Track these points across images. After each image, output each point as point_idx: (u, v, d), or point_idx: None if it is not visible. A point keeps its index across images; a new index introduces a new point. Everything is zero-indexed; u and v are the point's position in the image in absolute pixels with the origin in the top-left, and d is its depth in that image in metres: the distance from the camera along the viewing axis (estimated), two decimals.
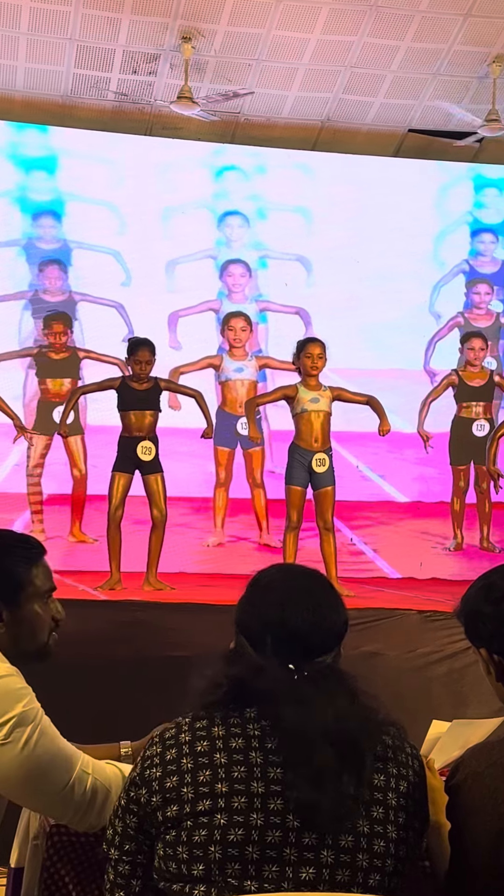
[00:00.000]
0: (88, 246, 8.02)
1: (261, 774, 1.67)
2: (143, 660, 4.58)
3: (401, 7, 7.25)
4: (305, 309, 8.21)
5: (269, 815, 1.66)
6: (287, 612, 1.78)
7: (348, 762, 1.68)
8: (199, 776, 1.67)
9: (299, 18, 7.31)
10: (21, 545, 2.11)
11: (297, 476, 6.34)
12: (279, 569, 1.93)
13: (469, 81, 7.93)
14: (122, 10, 7.16)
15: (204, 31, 7.35)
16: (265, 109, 8.09)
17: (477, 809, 1.76)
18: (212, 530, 7.72)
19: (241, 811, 1.65)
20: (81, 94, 7.86)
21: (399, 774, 1.75)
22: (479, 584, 1.97)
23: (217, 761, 1.68)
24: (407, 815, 1.73)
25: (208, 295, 8.19)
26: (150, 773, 1.71)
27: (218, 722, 1.71)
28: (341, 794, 1.66)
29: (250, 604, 1.83)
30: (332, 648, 1.81)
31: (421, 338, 8.32)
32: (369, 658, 4.69)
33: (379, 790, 1.72)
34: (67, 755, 1.93)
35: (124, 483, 6.34)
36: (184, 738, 1.71)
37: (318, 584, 1.86)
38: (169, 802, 1.68)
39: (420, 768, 1.80)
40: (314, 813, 1.65)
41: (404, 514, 8.24)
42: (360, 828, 1.69)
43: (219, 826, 1.65)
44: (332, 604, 1.84)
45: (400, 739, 1.79)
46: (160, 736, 1.74)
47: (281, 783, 1.67)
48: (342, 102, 8.08)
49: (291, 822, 1.66)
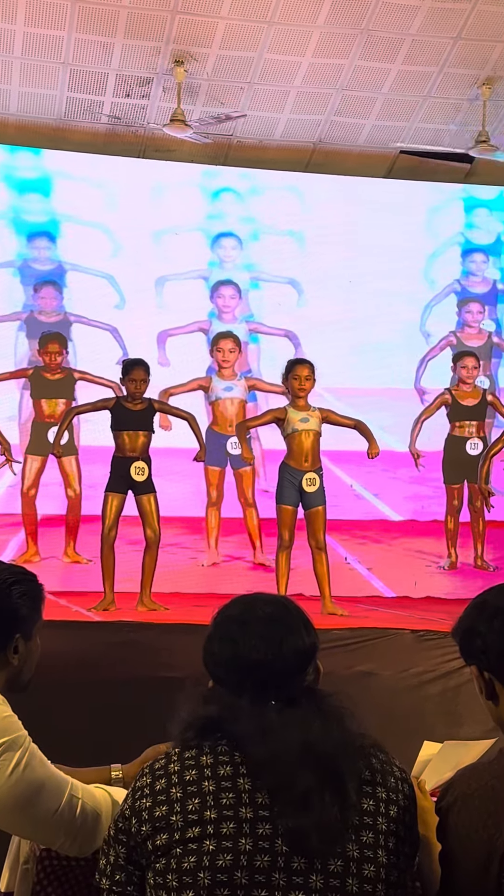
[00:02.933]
0: (83, 268, 8.06)
1: (249, 800, 1.67)
2: (137, 681, 4.57)
3: (391, 30, 7.33)
4: (294, 331, 8.24)
5: (258, 840, 1.66)
6: (240, 647, 1.78)
7: (329, 783, 1.68)
8: (188, 804, 1.68)
9: (291, 42, 7.38)
10: (32, 580, 2.12)
11: (288, 495, 6.35)
12: (234, 603, 1.89)
13: (459, 103, 8.00)
14: (115, 34, 7.23)
15: (196, 55, 7.42)
16: (257, 132, 8.15)
17: (467, 831, 1.76)
18: (205, 550, 7.73)
19: (229, 837, 1.65)
20: (75, 117, 7.92)
21: (388, 798, 1.74)
22: (474, 603, 1.98)
23: (205, 789, 1.68)
24: (397, 839, 1.73)
25: (199, 315, 8.23)
26: (140, 804, 1.71)
27: (206, 751, 1.71)
28: (327, 817, 1.66)
29: (209, 643, 1.84)
30: (300, 671, 1.80)
31: (413, 357, 8.36)
32: (363, 678, 4.69)
33: (368, 814, 1.71)
34: (56, 781, 1.93)
35: (117, 503, 6.34)
36: (173, 768, 1.72)
37: (277, 610, 1.83)
38: (158, 831, 1.68)
39: (410, 792, 1.79)
40: (302, 838, 1.65)
41: (398, 532, 8.25)
42: (350, 852, 1.68)
43: (207, 852, 1.65)
44: (291, 628, 1.81)
45: (388, 763, 1.78)
46: (150, 767, 1.75)
47: (269, 808, 1.67)
48: (334, 124, 8.15)
49: (280, 846, 1.66)
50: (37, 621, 2.09)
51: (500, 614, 1.91)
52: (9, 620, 2.03)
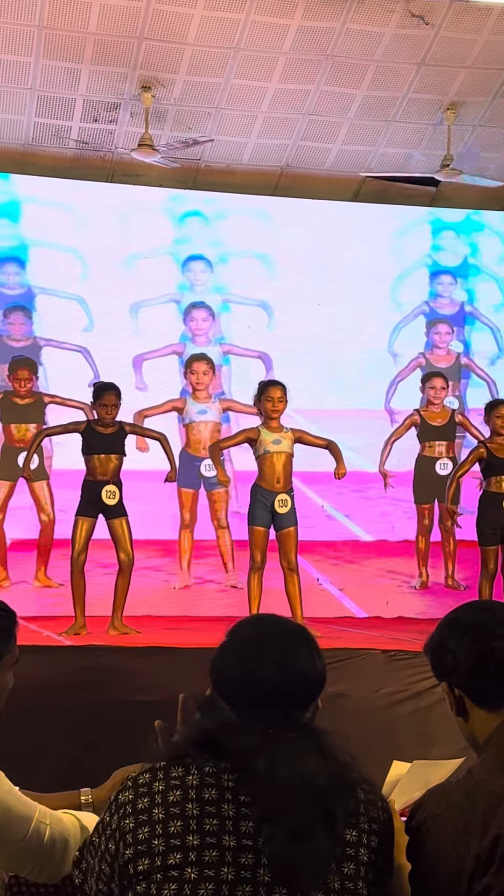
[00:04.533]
0: (52, 291, 8.07)
1: (233, 828, 1.65)
2: (107, 705, 4.55)
3: (356, 56, 7.42)
4: (267, 353, 8.28)
5: (241, 870, 1.63)
6: (256, 668, 1.77)
7: (319, 821, 1.66)
8: (171, 827, 1.65)
9: (257, 68, 7.45)
10: (7, 611, 2.08)
11: (260, 517, 6.36)
12: (254, 622, 1.90)
13: (424, 128, 8.10)
14: (82, 60, 7.27)
15: (163, 81, 7.47)
16: (225, 156, 8.21)
17: (436, 850, 1.76)
18: (177, 572, 7.71)
19: (211, 865, 1.63)
20: (43, 142, 7.94)
21: (370, 829, 1.73)
22: (446, 620, 2.00)
23: (189, 812, 1.65)
24: (377, 871, 1.72)
25: (172, 338, 8.25)
26: (124, 825, 1.68)
27: (193, 771, 1.69)
28: (316, 853, 1.65)
29: (222, 657, 1.82)
30: (307, 703, 1.81)
31: (383, 378, 8.42)
32: (335, 699, 4.68)
33: (351, 846, 1.70)
34: (23, 808, 1.91)
35: (88, 527, 6.32)
36: (157, 786, 1.68)
37: (292, 637, 1.83)
38: (140, 856, 1.66)
39: (390, 821, 1.78)
40: (292, 870, 1.63)
41: (370, 553, 8.27)
42: (332, 884, 1.66)
43: (189, 880, 1.62)
44: (305, 658, 1.81)
45: (373, 794, 1.78)
46: (134, 782, 1.71)
47: (252, 837, 1.65)
48: (301, 149, 8.22)
49: (262, 877, 1.63)
50: (3, 656, 2.04)
51: (470, 631, 1.92)
52: None
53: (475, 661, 1.90)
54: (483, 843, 1.72)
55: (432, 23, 7.14)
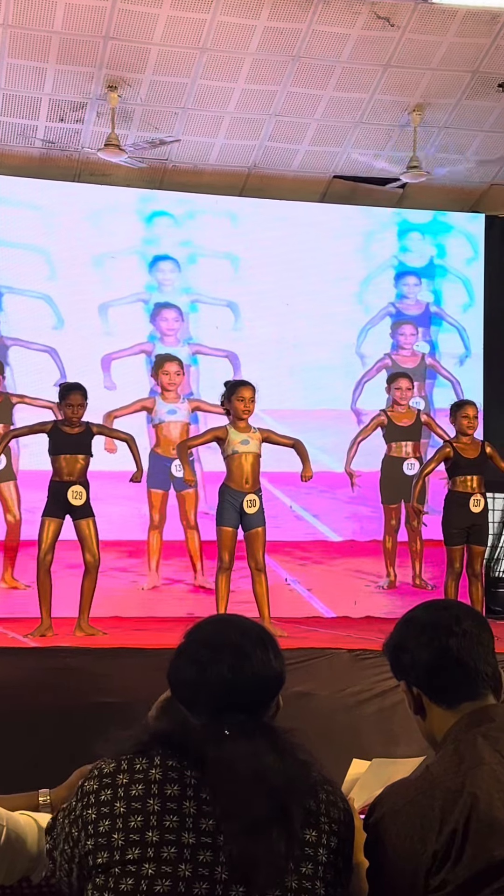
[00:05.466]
0: (19, 290, 8.02)
1: (192, 825, 1.66)
2: (72, 707, 4.52)
3: (322, 57, 7.44)
4: (235, 352, 8.29)
5: (198, 867, 1.64)
6: (208, 670, 1.77)
7: (275, 820, 1.67)
8: (131, 821, 1.66)
9: (223, 68, 7.45)
10: None
11: (228, 517, 6.36)
12: (209, 623, 1.89)
13: (391, 129, 8.14)
14: (48, 59, 7.23)
15: (129, 81, 7.45)
16: (192, 156, 8.20)
17: (394, 847, 1.77)
18: (146, 573, 7.70)
19: (169, 861, 1.64)
20: (8, 141, 7.89)
21: (330, 830, 1.74)
22: (404, 619, 2.01)
23: (150, 808, 1.66)
24: (335, 871, 1.73)
25: (139, 338, 8.23)
26: (87, 815, 1.69)
27: (157, 763, 1.70)
28: (272, 853, 1.65)
29: (176, 658, 1.83)
30: (265, 704, 1.81)
31: (349, 378, 8.45)
32: (299, 698, 4.69)
33: (310, 846, 1.71)
34: None
35: (54, 528, 6.29)
36: (121, 779, 1.69)
37: (248, 638, 1.82)
38: (100, 848, 1.67)
39: (350, 822, 1.79)
40: (249, 866, 1.64)
41: (338, 553, 8.30)
42: (289, 883, 1.67)
43: (146, 876, 1.64)
44: (261, 660, 1.80)
45: (334, 794, 1.78)
46: (99, 771, 1.72)
47: (212, 835, 1.66)
48: (268, 149, 8.23)
49: (220, 874, 1.64)
50: None
51: (427, 630, 1.94)
52: None
53: (432, 659, 1.92)
54: (440, 839, 1.73)
55: (398, 25, 7.18)
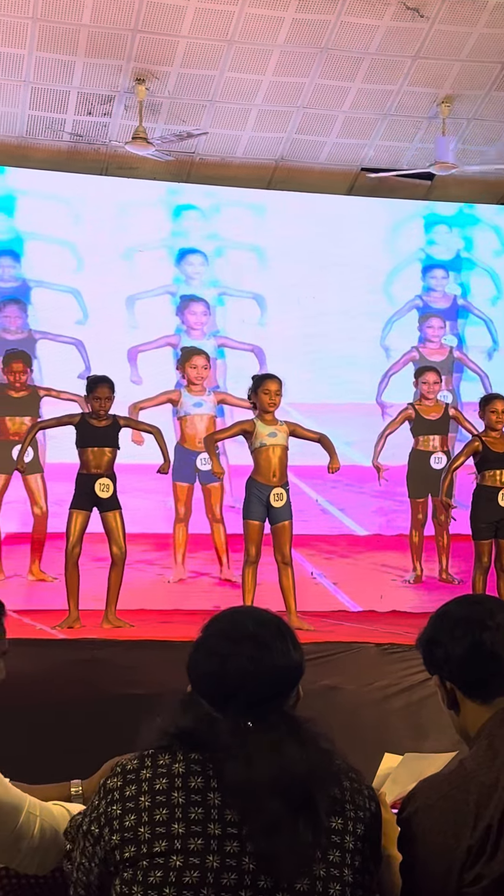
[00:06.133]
0: (47, 284, 8.05)
1: (218, 816, 1.67)
2: (101, 698, 4.55)
3: (351, 49, 7.40)
4: (261, 346, 8.28)
5: (225, 858, 1.65)
6: (227, 662, 1.77)
7: (301, 810, 1.67)
8: (156, 815, 1.67)
9: (251, 60, 7.43)
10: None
11: (255, 511, 6.35)
12: (227, 616, 1.89)
13: (419, 121, 8.10)
14: (77, 53, 7.25)
15: (157, 73, 7.45)
16: (220, 149, 8.20)
17: (428, 842, 1.77)
18: (172, 566, 7.71)
19: (196, 853, 1.65)
20: (37, 135, 7.92)
21: (356, 818, 1.74)
22: (437, 614, 2.01)
23: (174, 801, 1.67)
24: (363, 858, 1.73)
25: (166, 330, 8.24)
26: (111, 811, 1.70)
27: (180, 758, 1.71)
28: (299, 843, 1.66)
29: (195, 652, 1.83)
30: (283, 695, 1.80)
31: (375, 372, 8.42)
32: (327, 692, 4.69)
33: (336, 833, 1.71)
34: (13, 800, 1.91)
35: (82, 521, 6.31)
36: (144, 774, 1.70)
37: (267, 630, 1.82)
38: (126, 843, 1.68)
39: (376, 810, 1.79)
40: (272, 861, 1.65)
41: (364, 547, 8.28)
42: (317, 871, 1.68)
43: (174, 867, 1.65)
44: (281, 651, 1.80)
45: (358, 782, 1.78)
46: (122, 767, 1.73)
47: (237, 826, 1.67)
48: (295, 142, 8.21)
49: (247, 864, 1.65)
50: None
51: (461, 624, 1.93)
52: None
53: (466, 653, 1.91)
54: (474, 834, 1.73)
55: (427, 16, 7.13)
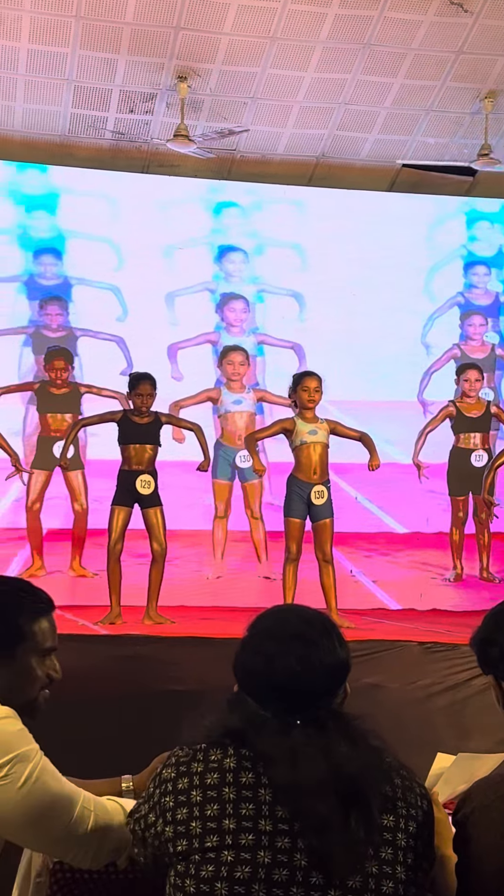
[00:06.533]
0: (88, 282, 8.09)
1: (269, 812, 1.67)
2: (144, 694, 4.56)
3: (394, 45, 7.37)
4: (300, 343, 8.27)
5: (277, 854, 1.65)
6: (275, 661, 1.77)
7: (353, 807, 1.67)
8: (207, 810, 1.68)
9: (293, 57, 7.42)
10: (29, 597, 2.06)
11: (296, 508, 6.35)
12: (273, 614, 1.89)
13: (462, 117, 8.04)
14: (119, 51, 7.27)
15: (199, 71, 7.46)
16: (261, 146, 8.19)
17: (484, 842, 1.76)
18: (212, 563, 7.72)
19: (248, 848, 1.66)
20: (79, 133, 7.96)
21: (408, 815, 1.74)
22: (492, 613, 2.00)
23: (226, 796, 1.68)
24: (416, 855, 1.73)
25: (206, 328, 8.25)
26: (164, 802, 1.72)
27: (231, 753, 1.72)
28: (352, 840, 1.66)
29: (242, 652, 1.83)
30: (331, 693, 1.80)
31: (416, 369, 8.38)
32: (370, 690, 4.68)
33: (388, 830, 1.71)
34: (68, 794, 1.91)
35: (124, 517, 6.34)
36: (196, 767, 1.72)
37: (313, 628, 1.82)
38: (179, 836, 1.70)
39: (428, 808, 1.78)
40: (325, 858, 1.65)
41: (404, 545, 8.24)
42: (369, 868, 1.68)
43: (226, 863, 1.66)
44: (328, 648, 1.81)
45: (409, 779, 1.78)
46: (176, 758, 1.75)
47: (289, 822, 1.67)
48: (336, 139, 8.18)
49: (299, 861, 1.65)
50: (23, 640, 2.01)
51: None
52: None
53: None
54: None
55: (471, 10, 7.08)
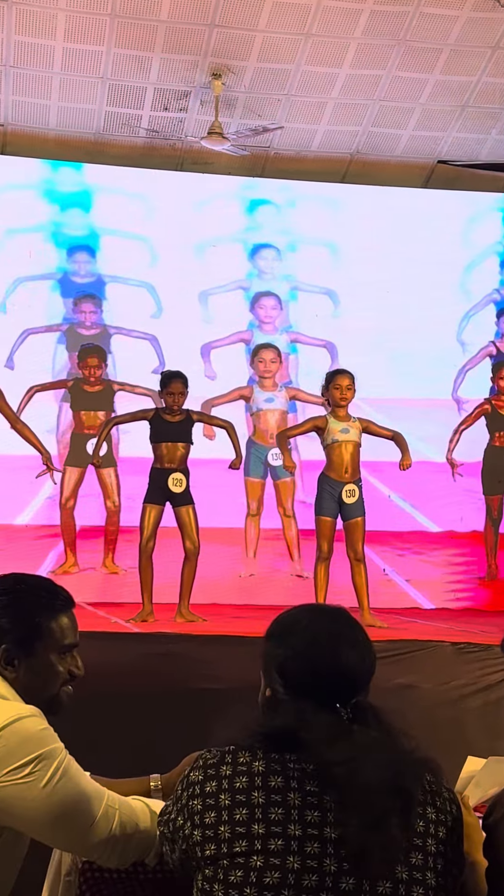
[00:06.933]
0: (122, 279, 8.11)
1: (298, 817, 1.66)
2: (175, 692, 4.56)
3: (429, 41, 7.31)
4: (333, 342, 8.24)
5: (306, 859, 1.64)
6: (337, 653, 1.79)
7: (395, 808, 1.67)
8: (236, 814, 1.67)
9: (328, 53, 7.39)
10: (48, 594, 2.08)
11: (327, 507, 6.33)
12: (308, 611, 1.90)
13: (498, 112, 7.96)
14: (153, 48, 7.28)
15: (233, 68, 7.45)
16: (295, 143, 8.17)
17: None
18: (244, 561, 7.72)
19: (277, 854, 1.64)
20: (113, 131, 7.98)
21: (438, 820, 1.72)
22: None
23: (254, 800, 1.67)
24: (445, 861, 1.71)
25: (239, 326, 8.25)
26: (192, 805, 1.72)
27: (260, 756, 1.71)
28: (390, 840, 1.65)
29: (290, 650, 1.81)
30: (368, 685, 1.82)
31: (450, 367, 8.32)
32: (403, 690, 4.65)
33: (418, 836, 1.69)
34: (92, 793, 1.92)
35: (155, 515, 6.35)
36: (224, 770, 1.71)
37: (349, 622, 1.86)
38: (207, 840, 1.69)
39: (458, 812, 1.77)
40: (362, 861, 1.63)
41: (437, 543, 8.19)
42: (399, 874, 1.66)
43: (255, 868, 1.64)
44: (365, 640, 1.85)
45: (437, 784, 1.77)
46: (204, 761, 1.74)
47: (318, 826, 1.66)
48: (371, 135, 8.14)
49: (329, 866, 1.64)
50: (42, 637, 2.02)
51: None
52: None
53: None
54: None
55: None
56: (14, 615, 2.03)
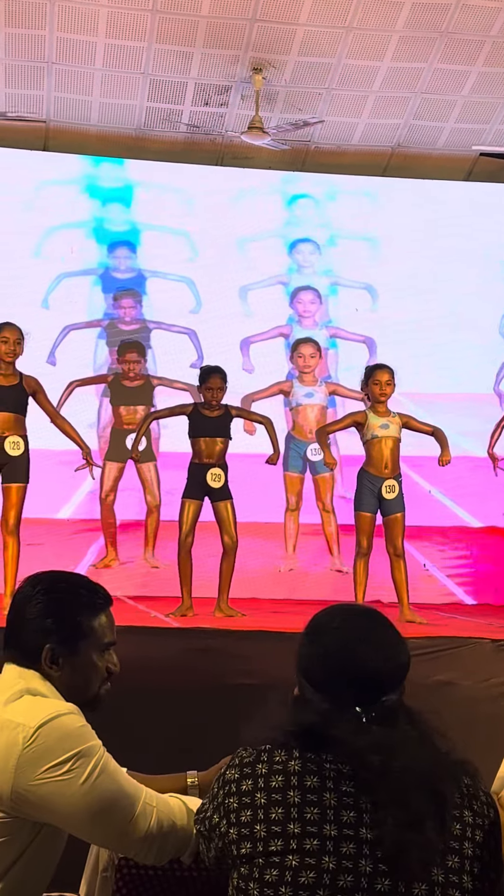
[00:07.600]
0: (162, 274, 8.14)
1: (334, 817, 1.66)
2: (215, 688, 4.57)
3: (471, 33, 7.25)
4: (372, 337, 8.20)
5: (342, 859, 1.64)
6: (361, 654, 1.78)
7: (430, 809, 1.66)
8: (272, 813, 1.68)
9: (369, 47, 7.35)
10: (88, 593, 2.10)
11: (367, 502, 6.30)
12: (339, 611, 1.90)
13: None
14: (195, 44, 7.29)
15: (274, 62, 7.43)
16: (335, 137, 8.14)
17: None
18: (283, 556, 7.73)
19: (312, 853, 1.64)
20: (154, 126, 8.01)
21: (474, 823, 1.72)
22: None
23: (290, 800, 1.67)
24: (482, 865, 1.70)
25: (279, 321, 8.24)
26: (228, 804, 1.73)
27: (295, 755, 1.71)
28: (426, 841, 1.64)
29: (319, 649, 1.82)
30: (399, 686, 1.81)
31: (492, 361, 8.25)
32: (441, 687, 4.63)
33: (455, 839, 1.69)
34: (130, 790, 1.93)
35: (194, 510, 6.36)
36: (260, 769, 1.72)
37: (380, 622, 1.85)
38: (243, 839, 1.69)
39: (495, 816, 1.76)
40: (402, 857, 1.63)
41: (477, 539, 8.14)
42: (435, 877, 1.65)
43: (290, 867, 1.65)
44: (396, 641, 1.84)
45: (475, 787, 1.76)
46: (239, 759, 1.75)
47: (354, 827, 1.66)
48: (413, 128, 8.09)
49: (364, 867, 1.64)
50: (85, 636, 2.05)
51: None
52: (34, 631, 2.03)
53: None
54: None
55: None
56: (57, 615, 2.05)
